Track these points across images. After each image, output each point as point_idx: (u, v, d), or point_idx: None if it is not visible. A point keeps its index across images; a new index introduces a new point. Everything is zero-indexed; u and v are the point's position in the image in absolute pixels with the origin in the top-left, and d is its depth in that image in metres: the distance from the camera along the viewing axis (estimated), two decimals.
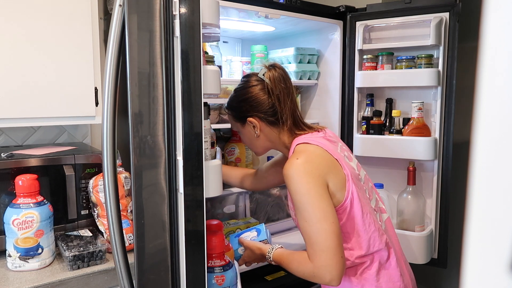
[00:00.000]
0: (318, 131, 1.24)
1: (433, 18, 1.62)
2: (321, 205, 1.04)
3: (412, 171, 1.70)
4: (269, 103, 1.22)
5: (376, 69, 1.80)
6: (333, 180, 1.09)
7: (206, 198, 0.92)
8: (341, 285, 1.06)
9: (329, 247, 1.00)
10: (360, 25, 1.78)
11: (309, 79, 1.96)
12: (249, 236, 1.35)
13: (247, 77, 1.29)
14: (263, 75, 1.23)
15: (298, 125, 1.25)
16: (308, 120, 1.97)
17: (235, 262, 1.22)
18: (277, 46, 2.01)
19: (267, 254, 1.19)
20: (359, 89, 1.84)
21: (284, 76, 1.24)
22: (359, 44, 1.80)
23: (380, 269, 1.14)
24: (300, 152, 1.13)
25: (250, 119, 1.24)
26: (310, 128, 1.25)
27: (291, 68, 1.89)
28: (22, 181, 1.21)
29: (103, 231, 1.38)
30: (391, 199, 1.83)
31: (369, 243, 1.12)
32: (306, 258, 1.05)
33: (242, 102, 1.25)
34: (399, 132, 1.74)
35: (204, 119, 0.91)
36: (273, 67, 1.24)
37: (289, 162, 1.11)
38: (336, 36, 1.87)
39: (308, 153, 1.12)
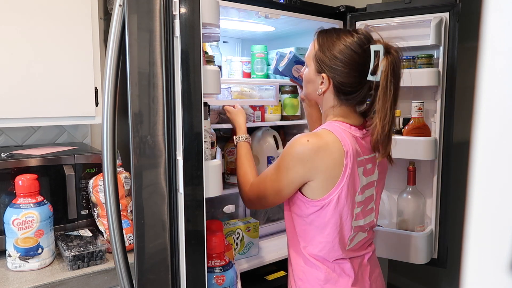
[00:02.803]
0: (364, 130, 1.11)
1: (433, 18, 1.62)
2: (281, 184, 1.07)
3: (412, 171, 1.70)
4: (354, 82, 1.05)
5: None
6: (321, 179, 1.03)
7: (206, 198, 0.92)
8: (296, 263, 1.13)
9: (264, 195, 1.12)
10: (360, 25, 1.78)
11: None
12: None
13: (356, 34, 1.08)
14: (375, 52, 1.03)
15: (355, 116, 1.11)
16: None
17: (235, 262, 1.22)
18: (277, 46, 2.01)
19: (237, 136, 1.33)
20: None
21: (396, 69, 1.03)
22: None
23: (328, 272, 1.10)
24: (317, 135, 1.04)
25: (325, 76, 1.08)
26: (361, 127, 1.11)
27: None
28: (22, 181, 1.22)
29: (103, 231, 1.38)
30: (391, 199, 1.83)
31: (320, 246, 1.08)
32: (249, 181, 1.19)
33: (332, 55, 1.06)
34: (399, 132, 1.74)
35: (204, 119, 0.91)
36: (389, 53, 1.04)
37: (298, 138, 1.04)
38: None
39: (321, 142, 1.02)
